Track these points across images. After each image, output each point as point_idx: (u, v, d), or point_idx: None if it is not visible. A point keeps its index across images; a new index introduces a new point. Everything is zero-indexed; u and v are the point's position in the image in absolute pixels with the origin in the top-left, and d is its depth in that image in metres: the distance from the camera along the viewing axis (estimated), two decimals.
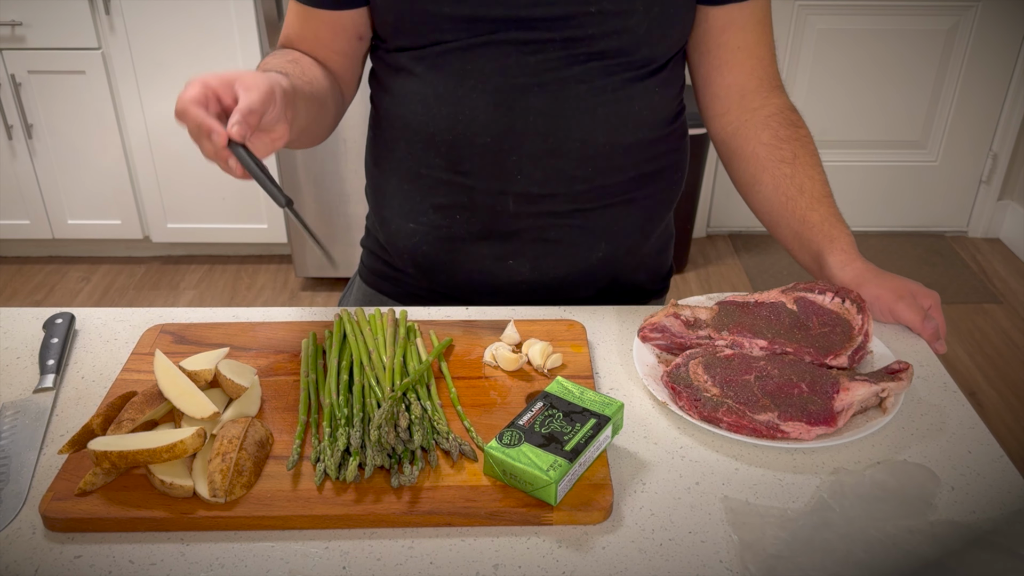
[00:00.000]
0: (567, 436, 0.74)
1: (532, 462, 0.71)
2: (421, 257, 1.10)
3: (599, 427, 0.75)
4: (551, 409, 0.77)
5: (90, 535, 0.70)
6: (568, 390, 0.80)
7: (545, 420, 0.76)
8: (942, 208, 3.13)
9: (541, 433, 0.74)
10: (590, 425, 0.75)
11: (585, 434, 0.74)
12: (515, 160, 0.99)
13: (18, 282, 2.85)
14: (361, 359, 0.86)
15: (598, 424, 0.75)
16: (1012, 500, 0.74)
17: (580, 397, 0.79)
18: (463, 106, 0.97)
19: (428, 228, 1.07)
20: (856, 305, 0.92)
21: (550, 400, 0.78)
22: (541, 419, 0.76)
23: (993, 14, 2.78)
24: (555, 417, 0.76)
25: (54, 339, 0.93)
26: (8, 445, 0.79)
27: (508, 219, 1.03)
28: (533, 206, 1.02)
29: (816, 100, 2.91)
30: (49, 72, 2.51)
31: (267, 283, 2.85)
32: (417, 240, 1.08)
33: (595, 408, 0.77)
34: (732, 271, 2.93)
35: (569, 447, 0.73)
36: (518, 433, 0.74)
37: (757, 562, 0.67)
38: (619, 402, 0.78)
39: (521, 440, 0.73)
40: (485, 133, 0.98)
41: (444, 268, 1.09)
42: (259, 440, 0.76)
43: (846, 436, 0.79)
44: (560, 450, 0.73)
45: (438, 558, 0.68)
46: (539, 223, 1.04)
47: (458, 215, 1.04)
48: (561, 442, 0.73)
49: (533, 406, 0.78)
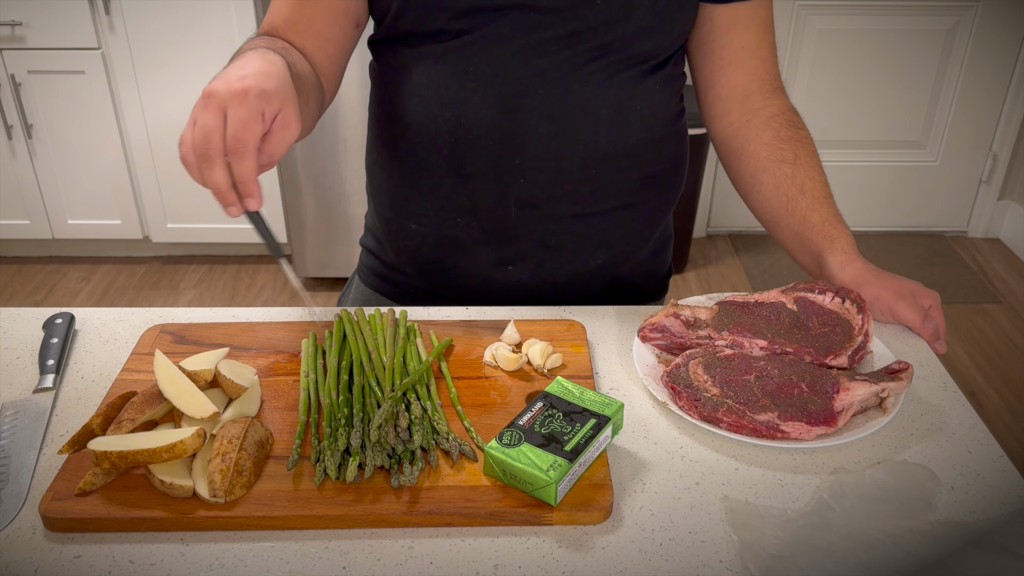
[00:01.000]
0: (567, 436, 0.74)
1: (532, 462, 0.71)
2: (421, 258, 1.09)
3: (599, 427, 0.75)
4: (551, 409, 0.77)
5: (90, 535, 0.70)
6: (568, 390, 0.80)
7: (545, 420, 0.76)
8: (942, 208, 3.13)
9: (541, 433, 0.74)
10: (590, 425, 0.75)
11: (585, 434, 0.74)
12: (518, 163, 0.99)
13: (18, 282, 2.85)
14: (361, 359, 0.86)
15: (598, 424, 0.75)
16: (1012, 500, 0.74)
17: (580, 397, 0.79)
18: (465, 108, 0.97)
19: (429, 230, 1.06)
20: (856, 305, 0.92)
21: (550, 400, 0.78)
22: (541, 419, 0.76)
23: (993, 14, 2.78)
24: (555, 417, 0.76)
25: (54, 339, 0.92)
26: (8, 445, 0.79)
27: (510, 223, 1.03)
28: (535, 210, 1.02)
29: (816, 100, 2.90)
30: (49, 72, 2.51)
31: (267, 283, 2.85)
32: (418, 241, 1.08)
33: (595, 408, 0.77)
34: (732, 271, 2.93)
35: (569, 447, 0.73)
36: (518, 433, 0.74)
37: (757, 562, 0.67)
38: (619, 402, 0.78)
39: (521, 440, 0.73)
40: (487, 136, 0.98)
41: (444, 270, 1.09)
42: (259, 440, 0.76)
43: (846, 436, 0.79)
44: (560, 450, 0.72)
45: (438, 558, 0.68)
46: (541, 228, 1.03)
47: (459, 218, 1.04)
48: (561, 442, 0.73)
49: (533, 406, 0.78)
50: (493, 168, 0.99)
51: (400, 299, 1.16)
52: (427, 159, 1.02)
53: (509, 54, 0.94)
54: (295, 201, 2.62)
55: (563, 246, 1.05)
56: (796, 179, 1.03)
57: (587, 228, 1.04)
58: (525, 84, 0.95)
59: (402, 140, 1.03)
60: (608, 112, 0.98)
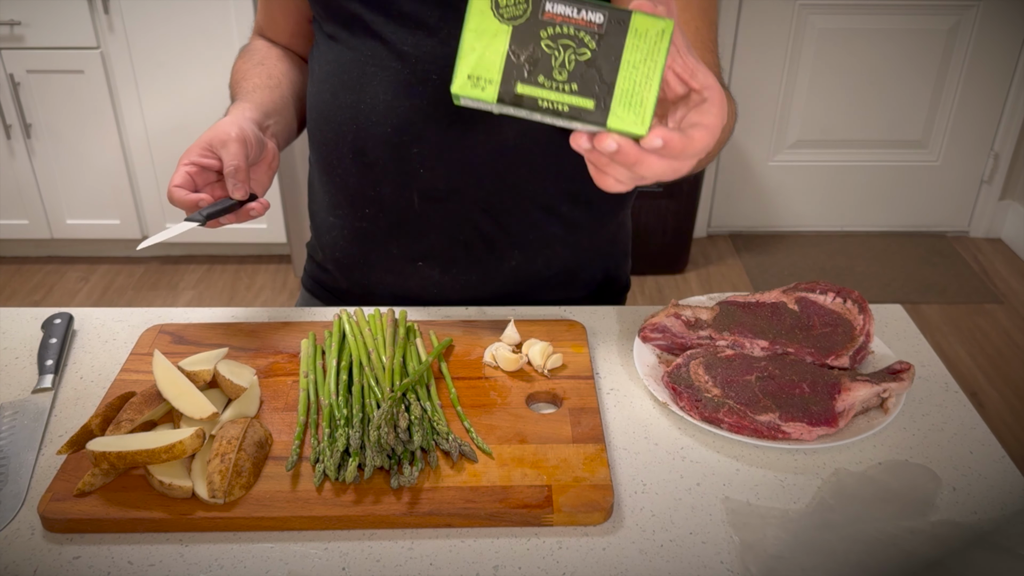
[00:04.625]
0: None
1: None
2: (339, 252, 1.08)
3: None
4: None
5: (89, 536, 0.70)
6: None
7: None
8: (943, 208, 3.13)
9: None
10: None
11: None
12: (417, 152, 0.96)
13: (16, 282, 2.84)
14: (360, 359, 0.86)
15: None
16: (1013, 500, 0.74)
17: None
18: (365, 93, 0.96)
19: (342, 223, 1.05)
20: (858, 305, 0.92)
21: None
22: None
23: (994, 13, 2.78)
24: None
25: (53, 339, 0.92)
26: (7, 446, 0.79)
27: (414, 217, 1.00)
28: (439, 204, 0.99)
29: (816, 100, 2.90)
30: (48, 72, 2.51)
31: (266, 283, 2.85)
32: (335, 235, 1.07)
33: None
34: (732, 271, 2.93)
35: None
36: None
37: (758, 563, 0.67)
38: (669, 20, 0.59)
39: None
40: (385, 123, 0.95)
41: (359, 266, 1.07)
42: (258, 441, 0.76)
43: (847, 437, 0.79)
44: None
45: (438, 559, 0.68)
46: (447, 223, 1.00)
47: (367, 209, 1.02)
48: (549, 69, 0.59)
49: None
50: (393, 158, 0.97)
51: (328, 302, 1.15)
52: (336, 147, 1.01)
53: (401, 38, 0.92)
54: (295, 201, 2.62)
55: (472, 243, 1.02)
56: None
57: (496, 226, 1.01)
58: (419, 69, 0.93)
59: (317, 128, 1.03)
60: None
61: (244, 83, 1.03)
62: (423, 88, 0.93)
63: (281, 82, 1.05)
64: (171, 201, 0.87)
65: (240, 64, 1.08)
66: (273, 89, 1.03)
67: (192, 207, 0.87)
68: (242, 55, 1.10)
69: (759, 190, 3.07)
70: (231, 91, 1.05)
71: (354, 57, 0.96)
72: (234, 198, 0.88)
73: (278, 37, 1.13)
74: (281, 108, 1.02)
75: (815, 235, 3.12)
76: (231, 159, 0.87)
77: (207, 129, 0.91)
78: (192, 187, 0.88)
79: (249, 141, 0.90)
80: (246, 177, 0.89)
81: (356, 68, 0.96)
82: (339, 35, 0.97)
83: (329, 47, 0.99)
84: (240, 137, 0.89)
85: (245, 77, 1.04)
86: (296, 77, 1.09)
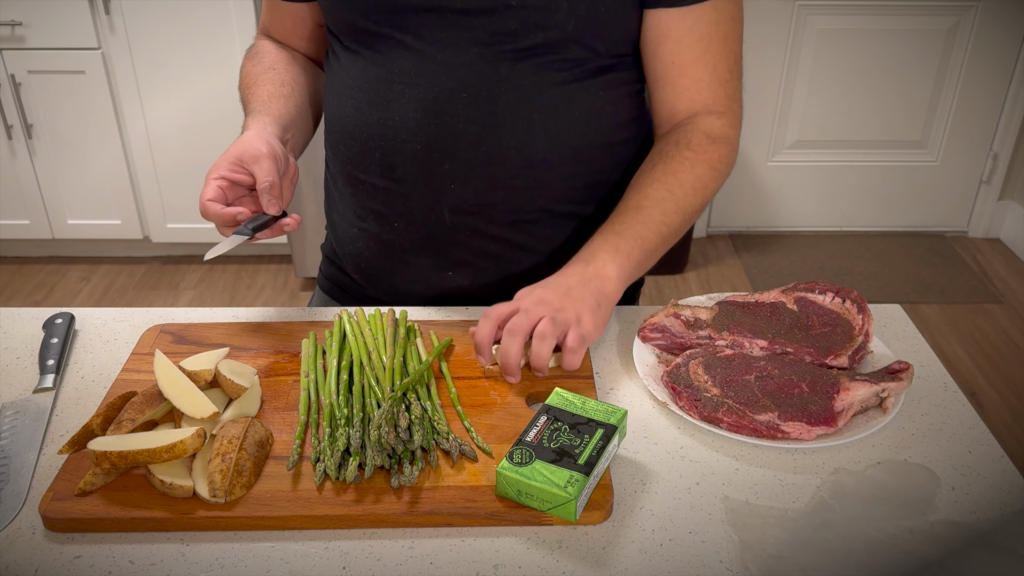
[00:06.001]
0: (578, 449, 0.73)
1: (548, 479, 0.70)
2: (364, 263, 1.08)
3: (607, 437, 0.74)
4: (556, 423, 0.76)
5: (90, 535, 0.70)
6: (569, 401, 0.78)
7: (552, 434, 0.74)
8: (942, 208, 3.13)
9: (551, 448, 0.73)
10: (599, 436, 0.74)
11: (596, 446, 0.73)
12: (448, 168, 0.96)
13: (18, 282, 2.85)
14: (361, 359, 0.86)
15: (606, 435, 0.74)
16: (1012, 500, 0.74)
17: (583, 408, 0.77)
18: (392, 111, 0.95)
19: (369, 234, 1.05)
20: (856, 305, 0.92)
21: (553, 413, 0.77)
22: (548, 433, 0.74)
23: (993, 14, 2.78)
24: (562, 430, 0.75)
25: (54, 339, 0.92)
26: (8, 445, 0.79)
27: (445, 230, 1.01)
28: (470, 217, 0.99)
29: (816, 100, 2.90)
30: (49, 72, 2.51)
31: (267, 283, 2.85)
32: (360, 246, 1.07)
33: (600, 418, 0.76)
34: (732, 271, 2.93)
35: (582, 460, 0.71)
36: (528, 450, 0.73)
37: (757, 562, 0.67)
38: (622, 409, 0.77)
39: (532, 458, 0.72)
40: (415, 140, 0.95)
41: (385, 275, 1.07)
42: (259, 440, 0.76)
43: (846, 436, 0.79)
44: (574, 464, 0.71)
45: (438, 558, 0.68)
46: (477, 235, 1.01)
47: (396, 223, 1.02)
48: (573, 456, 0.72)
49: (537, 421, 0.76)
50: (423, 173, 0.97)
51: (351, 306, 1.14)
52: (362, 162, 1.01)
53: (430, 56, 0.93)
54: (295, 201, 2.62)
55: (501, 255, 1.03)
56: (634, 185, 0.97)
57: (526, 236, 1.02)
58: (448, 87, 0.93)
59: (341, 142, 1.03)
60: (541, 117, 0.94)
61: (257, 90, 1.02)
62: (453, 106, 0.94)
63: (295, 90, 1.04)
64: (204, 214, 0.87)
65: (249, 68, 1.07)
66: (288, 98, 1.02)
67: (230, 220, 0.87)
68: (250, 57, 1.09)
69: (758, 190, 3.08)
70: (242, 96, 1.05)
71: (380, 74, 0.96)
72: (269, 213, 0.89)
73: (287, 40, 1.12)
74: (297, 119, 1.03)
75: (814, 235, 3.13)
76: (265, 175, 0.88)
77: (233, 143, 0.91)
78: (224, 201, 0.89)
79: (279, 157, 0.91)
80: (280, 193, 0.90)
81: (383, 85, 0.96)
82: (363, 51, 0.97)
83: (352, 60, 0.98)
84: (271, 153, 0.90)
85: (257, 83, 1.03)
86: (308, 82, 1.08)
